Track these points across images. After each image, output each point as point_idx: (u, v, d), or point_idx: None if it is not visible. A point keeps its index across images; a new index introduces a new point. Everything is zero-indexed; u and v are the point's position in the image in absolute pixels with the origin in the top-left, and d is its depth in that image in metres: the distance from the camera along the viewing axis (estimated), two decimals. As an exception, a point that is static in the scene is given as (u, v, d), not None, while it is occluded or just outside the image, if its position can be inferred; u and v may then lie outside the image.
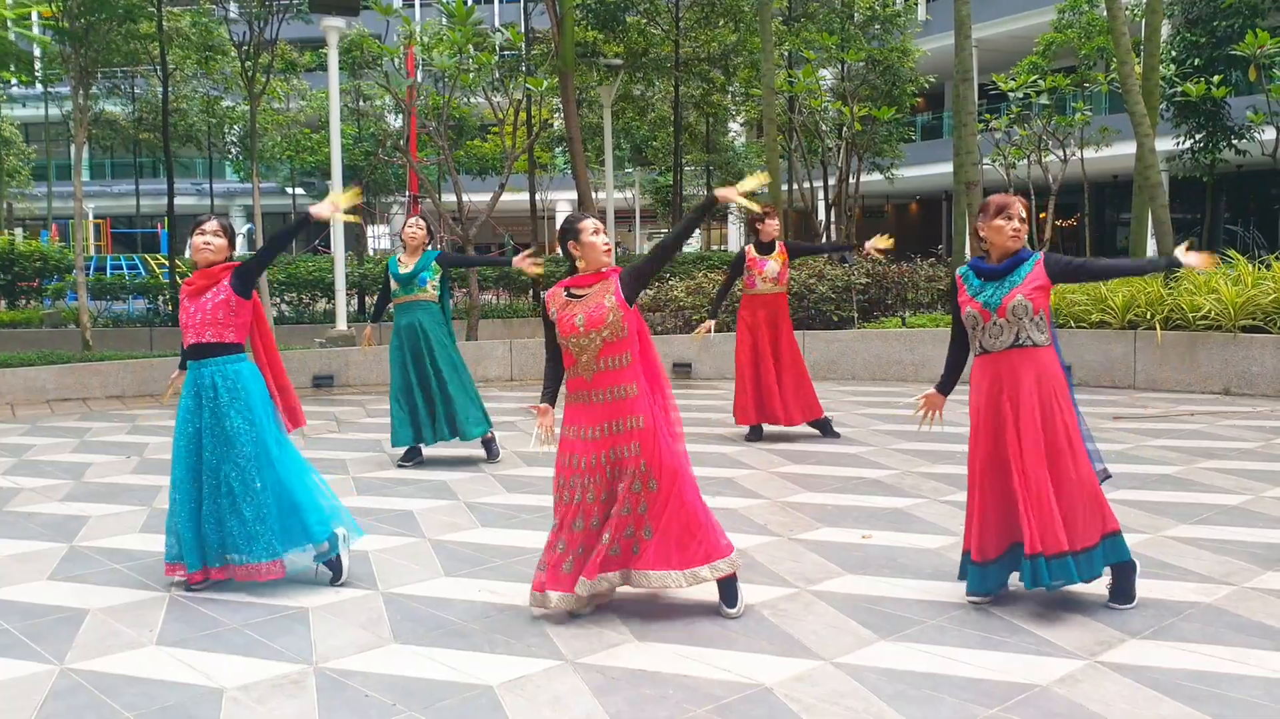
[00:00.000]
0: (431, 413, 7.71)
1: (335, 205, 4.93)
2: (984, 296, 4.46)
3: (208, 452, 4.93)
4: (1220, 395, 10.40)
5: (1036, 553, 4.29)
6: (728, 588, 4.54)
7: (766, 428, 8.70)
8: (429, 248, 7.84)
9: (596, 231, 4.51)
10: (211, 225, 5.00)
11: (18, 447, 8.97)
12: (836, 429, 8.70)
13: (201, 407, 4.94)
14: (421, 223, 7.84)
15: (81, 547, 5.81)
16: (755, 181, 4.59)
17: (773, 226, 8.45)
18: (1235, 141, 19.72)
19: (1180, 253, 4.46)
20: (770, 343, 8.45)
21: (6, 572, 5.35)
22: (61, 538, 5.99)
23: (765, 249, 8.45)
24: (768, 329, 8.45)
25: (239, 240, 5.23)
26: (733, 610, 4.51)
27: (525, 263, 7.18)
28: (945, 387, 4.78)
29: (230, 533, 4.91)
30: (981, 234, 4.51)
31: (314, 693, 3.82)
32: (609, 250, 4.54)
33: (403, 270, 7.74)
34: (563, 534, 4.48)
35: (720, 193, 4.47)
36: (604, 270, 4.51)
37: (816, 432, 8.67)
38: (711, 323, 8.53)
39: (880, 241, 8.07)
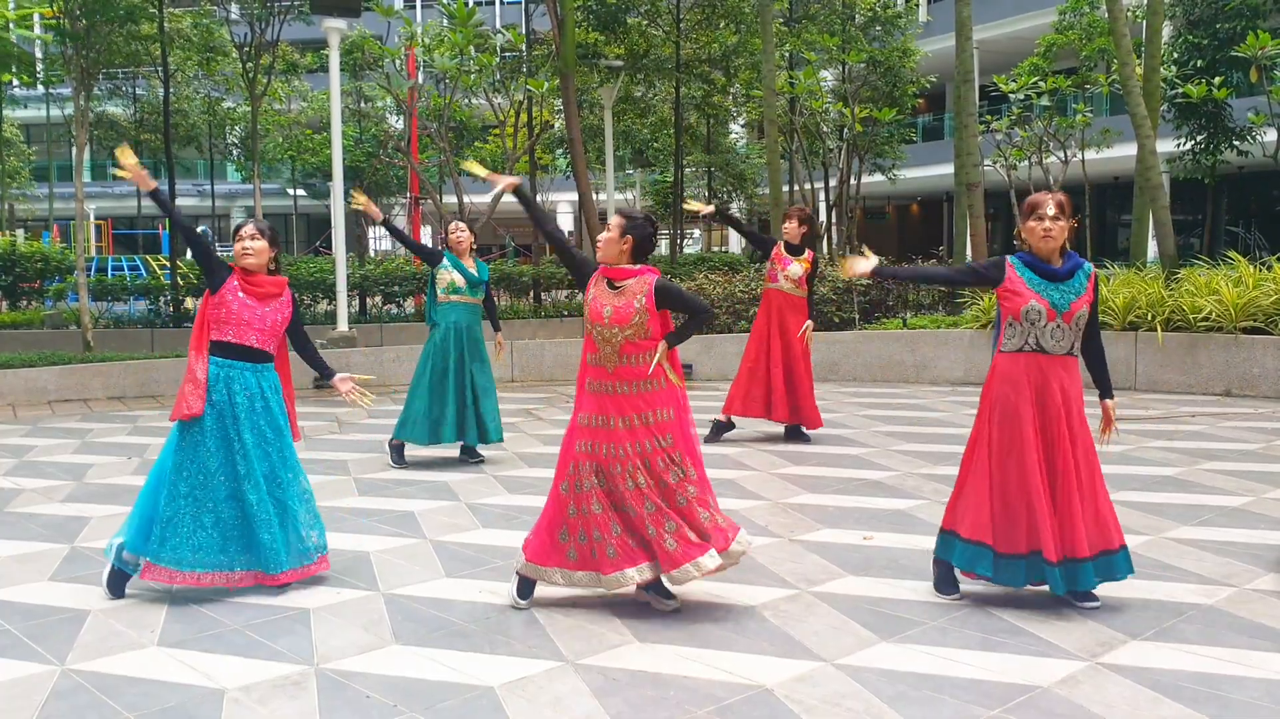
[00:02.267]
0: (461, 415, 7.76)
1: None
2: (1051, 296, 4.42)
3: (290, 447, 5.00)
4: (1221, 397, 10.40)
5: (1077, 557, 4.39)
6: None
7: (739, 425, 8.69)
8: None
9: (608, 230, 4.61)
10: (249, 229, 4.97)
11: (19, 447, 8.98)
12: (835, 432, 8.70)
13: (270, 409, 4.96)
14: (466, 225, 7.93)
15: (83, 547, 5.81)
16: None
17: (794, 230, 8.43)
18: (1236, 143, 19.71)
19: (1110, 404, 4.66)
20: (784, 343, 8.42)
21: (8, 572, 5.36)
22: (63, 539, 5.99)
23: (794, 250, 8.44)
24: (782, 329, 8.42)
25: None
26: (673, 603, 4.64)
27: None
28: (887, 270, 4.81)
29: (319, 520, 5.07)
30: (1022, 235, 4.52)
31: (315, 694, 3.82)
32: (596, 245, 4.63)
33: (473, 271, 7.79)
34: (602, 518, 4.48)
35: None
36: (637, 268, 4.57)
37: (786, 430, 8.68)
38: (710, 209, 8.39)
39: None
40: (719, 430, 8.64)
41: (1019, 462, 4.44)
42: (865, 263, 4.72)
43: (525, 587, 4.69)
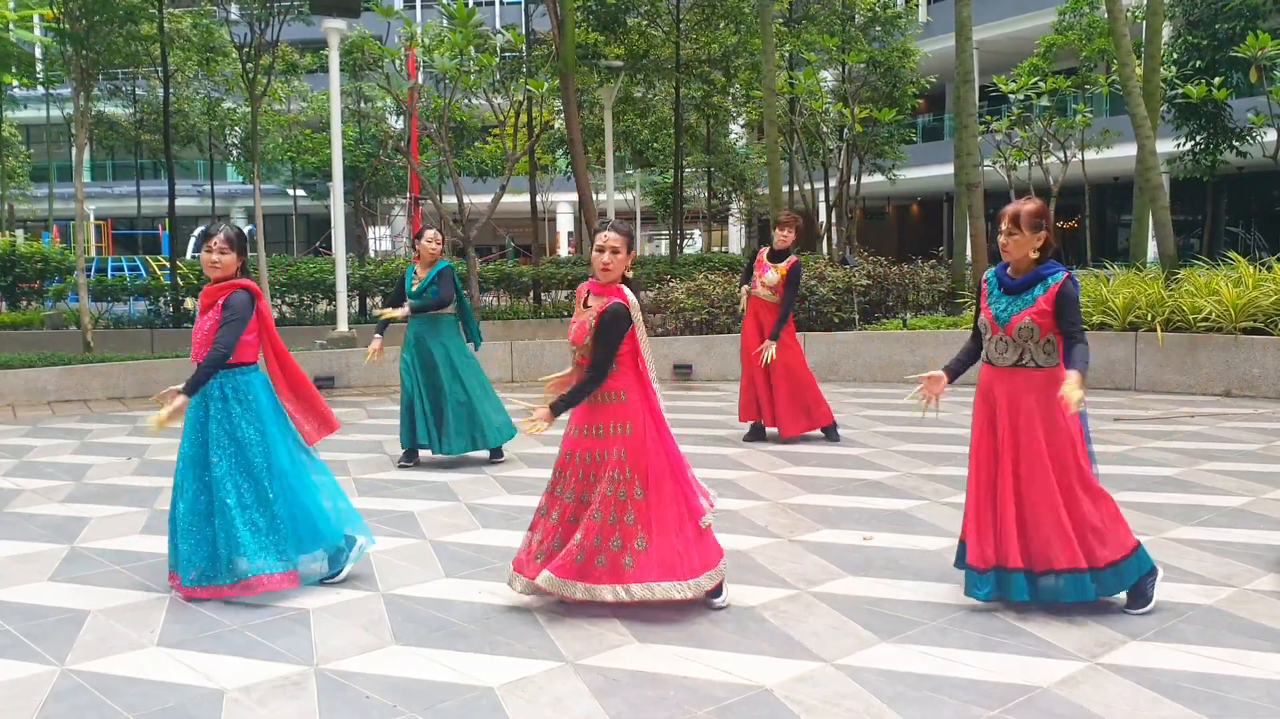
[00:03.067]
0: (440, 422, 7.73)
1: None
2: (997, 309, 4.47)
3: (216, 463, 4.85)
4: (1221, 397, 10.40)
5: (1017, 568, 4.41)
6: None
7: (734, 425, 8.74)
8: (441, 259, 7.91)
9: (600, 249, 4.53)
10: (218, 241, 4.92)
11: (19, 448, 8.98)
12: (839, 432, 8.68)
13: (209, 418, 4.89)
14: (440, 237, 7.87)
15: (82, 548, 5.81)
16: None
17: (786, 237, 8.46)
18: (1236, 143, 19.71)
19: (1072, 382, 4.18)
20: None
21: (7, 573, 5.36)
22: (62, 539, 5.99)
23: (776, 257, 8.44)
24: (757, 334, 8.45)
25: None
26: (719, 601, 4.61)
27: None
28: (952, 371, 4.72)
29: (242, 543, 4.80)
30: None
31: (315, 694, 3.82)
32: (604, 269, 4.52)
33: (415, 285, 7.80)
34: (541, 522, 4.62)
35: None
36: (611, 286, 4.55)
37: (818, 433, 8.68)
38: (746, 287, 8.52)
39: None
40: (756, 434, 8.69)
41: (971, 469, 4.59)
42: (940, 381, 4.66)
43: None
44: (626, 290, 4.54)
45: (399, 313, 7.76)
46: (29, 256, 18.82)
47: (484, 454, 8.10)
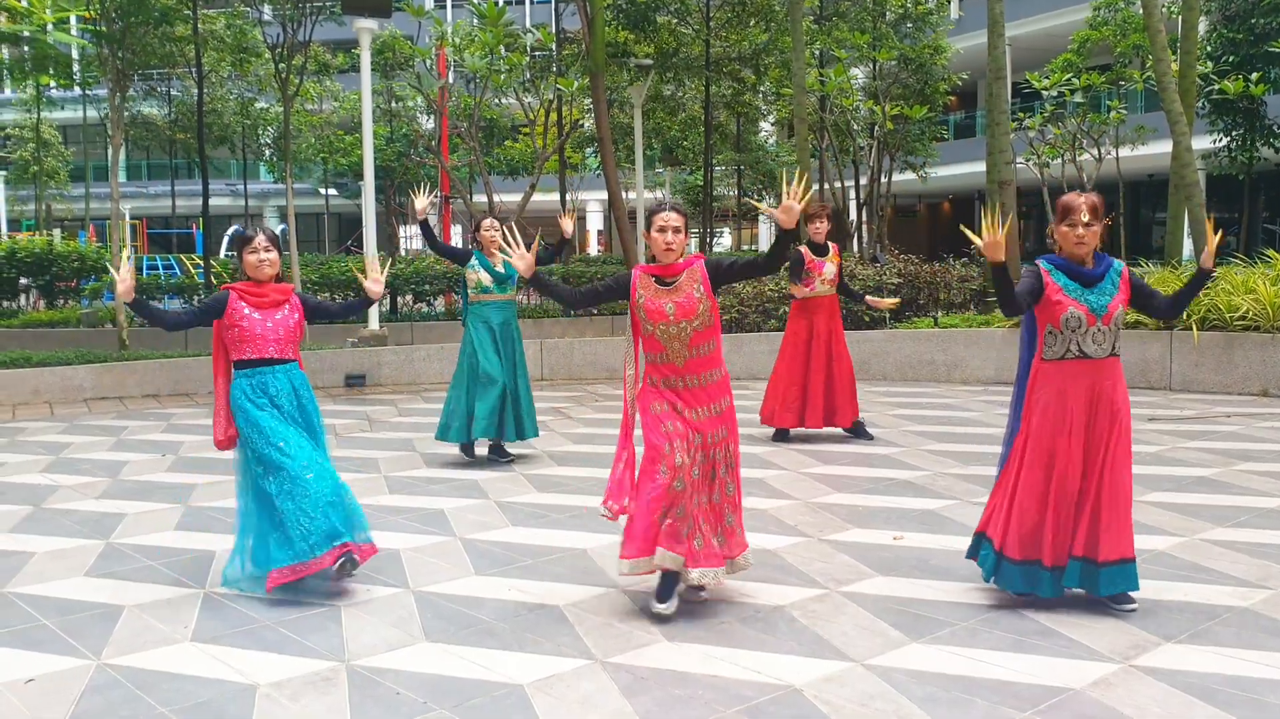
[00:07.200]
0: (500, 411, 7.75)
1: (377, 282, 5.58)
2: (1089, 300, 4.38)
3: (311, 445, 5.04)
4: (1258, 397, 10.26)
5: (1098, 560, 4.40)
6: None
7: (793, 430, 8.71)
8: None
9: (662, 229, 4.52)
10: (262, 240, 5.00)
11: (55, 444, 9.09)
12: (870, 431, 8.64)
13: (294, 406, 5.04)
14: (497, 223, 7.88)
15: (118, 544, 5.88)
16: (797, 190, 4.27)
17: (823, 229, 8.46)
18: (1273, 139, 19.45)
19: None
20: (827, 346, 8.39)
21: (44, 568, 5.43)
22: (98, 535, 6.07)
23: (819, 250, 8.44)
24: (826, 332, 8.41)
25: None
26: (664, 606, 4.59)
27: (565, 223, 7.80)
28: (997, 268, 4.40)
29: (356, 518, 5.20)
30: (1054, 237, 4.48)
31: (346, 690, 3.85)
32: (667, 249, 4.50)
33: (499, 268, 7.77)
34: (696, 514, 4.53)
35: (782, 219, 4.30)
36: (685, 260, 4.57)
37: (843, 432, 8.64)
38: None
39: (885, 303, 8.88)
40: (782, 435, 8.65)
41: (1041, 470, 4.43)
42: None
43: (667, 588, 4.54)
44: None
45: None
46: (65, 256, 19.06)
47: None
